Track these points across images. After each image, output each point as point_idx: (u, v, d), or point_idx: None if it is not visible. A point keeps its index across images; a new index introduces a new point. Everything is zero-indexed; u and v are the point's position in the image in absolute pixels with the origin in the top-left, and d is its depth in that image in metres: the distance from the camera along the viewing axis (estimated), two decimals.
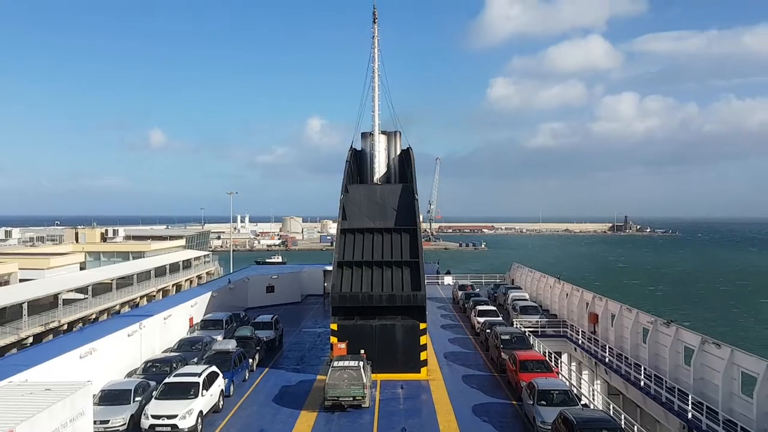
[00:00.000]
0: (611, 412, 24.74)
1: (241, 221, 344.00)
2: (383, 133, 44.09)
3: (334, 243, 36.54)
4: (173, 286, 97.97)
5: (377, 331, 32.29)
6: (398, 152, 45.12)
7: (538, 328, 41.81)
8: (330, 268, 43.11)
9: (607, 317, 38.62)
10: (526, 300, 48.74)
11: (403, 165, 44.12)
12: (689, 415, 25.03)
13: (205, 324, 38.43)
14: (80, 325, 65.85)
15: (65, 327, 67.31)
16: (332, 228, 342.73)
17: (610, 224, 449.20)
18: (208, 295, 43.28)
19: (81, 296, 74.88)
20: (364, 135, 44.93)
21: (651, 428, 27.80)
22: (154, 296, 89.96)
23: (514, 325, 40.81)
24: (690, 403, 25.33)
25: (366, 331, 32.22)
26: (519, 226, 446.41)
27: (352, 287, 33.47)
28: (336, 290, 33.27)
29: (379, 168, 43.77)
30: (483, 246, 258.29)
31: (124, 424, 23.27)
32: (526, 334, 36.51)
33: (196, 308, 40.60)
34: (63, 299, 69.62)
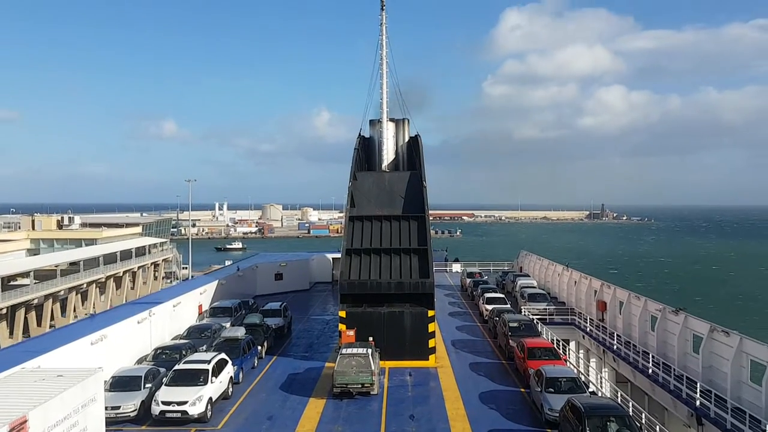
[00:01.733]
0: (619, 400, 24.75)
1: (219, 209, 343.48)
2: (391, 120, 43.98)
3: (343, 230, 36.57)
4: (124, 272, 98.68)
5: (385, 318, 32.37)
6: (406, 139, 45.02)
7: (546, 315, 41.80)
8: (338, 255, 43.15)
9: (615, 305, 38.54)
10: (534, 287, 48.68)
11: (411, 152, 44.01)
12: (697, 403, 25.01)
13: (214, 311, 38.65)
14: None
15: (5, 311, 70.41)
16: (312, 215, 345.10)
17: (587, 212, 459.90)
18: (217, 282, 43.48)
19: (27, 282, 76.89)
20: (372, 122, 44.83)
21: (659, 416, 27.78)
22: (103, 282, 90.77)
23: (522, 313, 40.83)
24: (698, 390, 25.30)
25: (374, 318, 32.30)
26: (498, 214, 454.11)
27: (361, 275, 33.52)
28: (344, 278, 33.34)
29: (388, 155, 43.69)
30: (458, 233, 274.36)
31: (135, 410, 23.51)
32: (534, 321, 36.52)
33: (205, 295, 40.82)
34: (5, 285, 71.72)
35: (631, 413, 22.41)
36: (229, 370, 26.53)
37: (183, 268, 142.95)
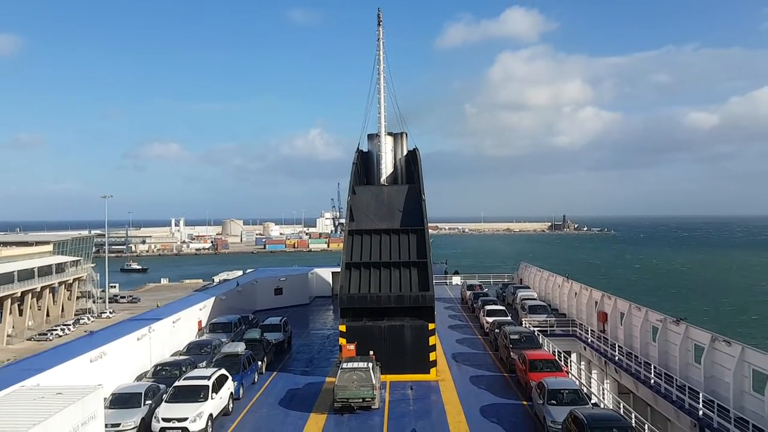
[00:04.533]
0: (621, 411, 24.65)
1: (176, 224, 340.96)
2: (389, 134, 44.11)
3: (342, 244, 36.56)
4: (23, 293, 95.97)
5: (386, 332, 32.28)
6: (404, 153, 45.10)
7: (547, 327, 41.70)
8: (338, 269, 43.09)
9: (616, 316, 38.48)
10: (534, 299, 48.64)
11: (410, 166, 44.09)
12: (700, 413, 24.92)
13: (214, 327, 38.47)
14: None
15: None
16: (274, 230, 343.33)
17: (549, 223, 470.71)
18: (217, 298, 43.38)
19: None
20: (370, 136, 44.97)
21: (662, 427, 27.66)
22: None
23: (523, 325, 40.74)
24: (701, 401, 25.22)
25: (375, 332, 32.21)
26: (462, 226, 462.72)
27: (361, 288, 33.47)
28: (344, 292, 33.29)
29: (386, 169, 43.77)
30: None
31: (135, 427, 23.32)
32: (535, 333, 36.41)
33: (204, 311, 40.70)
34: None
35: (633, 425, 22.31)
36: (229, 386, 26.41)
37: (112, 286, 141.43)
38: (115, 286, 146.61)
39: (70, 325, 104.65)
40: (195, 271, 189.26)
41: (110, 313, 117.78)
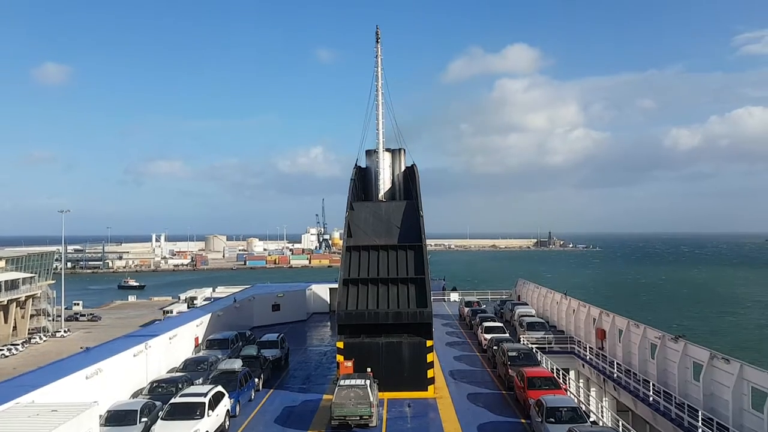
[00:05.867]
0: (620, 429, 24.51)
1: (157, 240, 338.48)
2: (387, 150, 44.29)
3: (340, 260, 36.52)
4: None
5: (383, 348, 32.15)
6: (403, 169, 45.27)
7: (545, 344, 41.58)
8: (336, 285, 43.05)
9: (614, 333, 38.39)
10: (532, 316, 48.52)
11: (408, 182, 44.23)
12: (699, 431, 24.78)
13: (211, 343, 38.31)
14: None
15: None
16: (257, 246, 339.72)
17: (535, 240, 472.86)
18: (214, 314, 43.22)
19: None
20: (368, 152, 45.14)
21: None
22: None
23: (521, 342, 40.61)
24: (700, 419, 25.09)
25: (372, 348, 32.09)
26: (448, 242, 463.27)
27: (358, 305, 33.40)
28: (342, 308, 33.21)
29: (384, 185, 43.90)
30: None
31: None
32: (534, 350, 36.30)
33: (201, 328, 40.54)
34: None
35: None
36: (225, 403, 26.22)
37: (75, 303, 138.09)
38: (78, 304, 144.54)
39: (19, 344, 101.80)
40: (186, 286, 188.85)
41: (65, 332, 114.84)
